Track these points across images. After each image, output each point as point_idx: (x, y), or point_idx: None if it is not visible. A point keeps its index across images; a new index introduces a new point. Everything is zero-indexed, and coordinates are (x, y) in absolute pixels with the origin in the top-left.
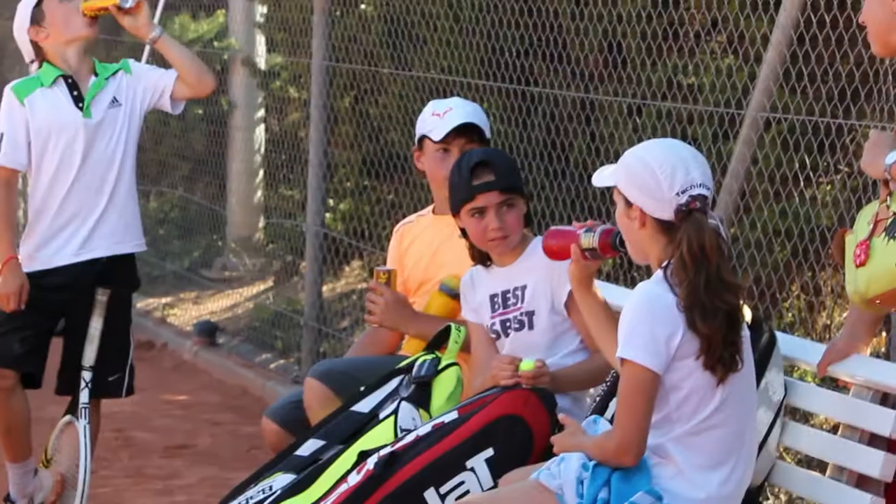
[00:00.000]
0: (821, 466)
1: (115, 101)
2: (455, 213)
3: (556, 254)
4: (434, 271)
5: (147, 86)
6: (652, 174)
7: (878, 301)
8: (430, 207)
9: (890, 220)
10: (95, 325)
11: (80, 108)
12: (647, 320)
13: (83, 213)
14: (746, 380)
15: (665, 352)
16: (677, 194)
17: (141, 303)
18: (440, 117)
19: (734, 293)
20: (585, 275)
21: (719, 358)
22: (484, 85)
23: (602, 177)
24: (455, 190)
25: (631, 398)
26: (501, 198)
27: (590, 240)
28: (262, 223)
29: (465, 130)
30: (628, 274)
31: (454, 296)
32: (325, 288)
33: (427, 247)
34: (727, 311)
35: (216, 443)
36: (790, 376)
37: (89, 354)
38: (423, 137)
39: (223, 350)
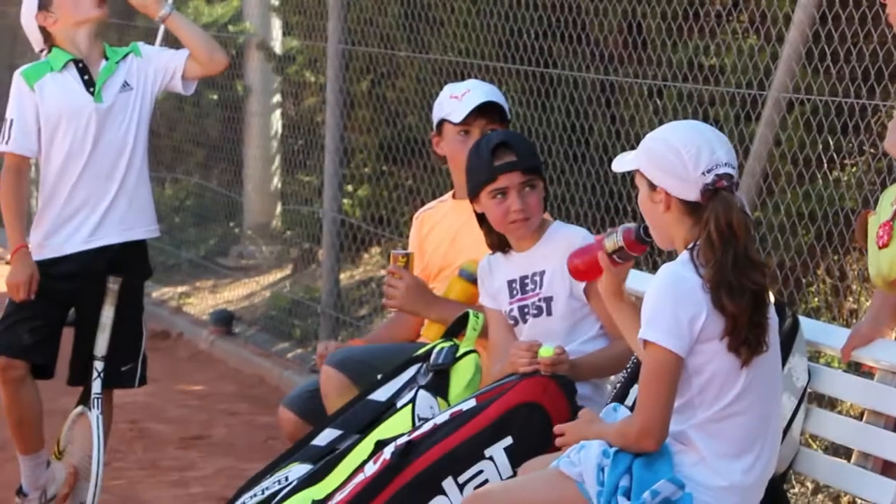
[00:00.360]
0: (846, 453)
1: (126, 84)
2: (473, 196)
3: (585, 273)
4: (454, 256)
5: (158, 67)
6: (677, 154)
7: None
8: (451, 193)
9: None
10: (107, 314)
11: (91, 93)
12: (670, 302)
13: (93, 199)
14: (771, 365)
15: (688, 334)
16: (703, 174)
17: (156, 292)
18: (458, 100)
19: (761, 272)
20: (617, 284)
21: (745, 339)
22: (502, 67)
23: (623, 162)
24: (474, 172)
25: (653, 381)
26: (524, 178)
27: (614, 241)
28: (278, 210)
29: (486, 111)
30: (649, 259)
31: (474, 281)
32: (342, 275)
33: (447, 232)
34: (754, 290)
35: (232, 433)
36: (816, 362)
37: (101, 344)
38: (442, 121)
39: (240, 339)
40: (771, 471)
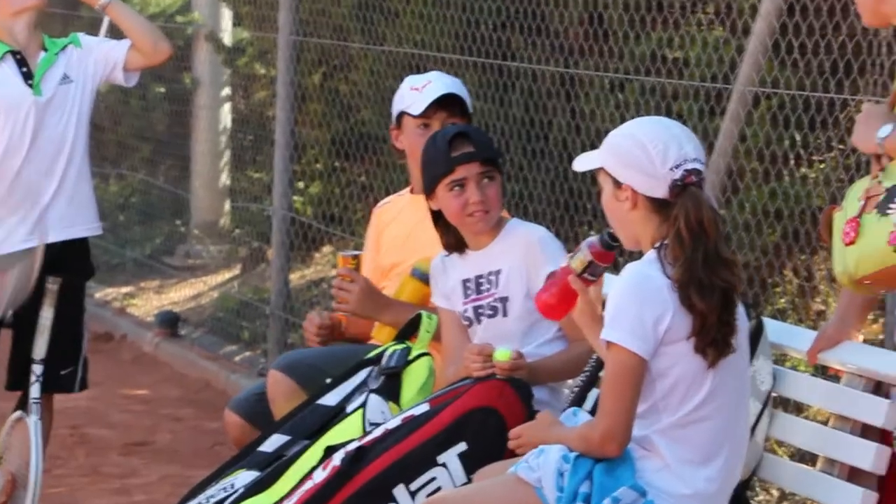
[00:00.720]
0: (812, 459)
1: (65, 77)
2: (429, 191)
3: (557, 307)
4: (407, 254)
5: (98, 58)
6: (643, 150)
7: (868, 282)
8: (409, 188)
9: (882, 197)
10: (46, 316)
11: (30, 86)
12: (634, 302)
13: (32, 196)
14: (739, 368)
15: (653, 336)
16: (671, 169)
17: (99, 292)
18: (419, 91)
19: (731, 270)
20: (593, 307)
21: (713, 340)
22: (459, 60)
23: (586, 160)
24: (431, 164)
25: (616, 384)
26: (482, 169)
27: (581, 258)
28: (227, 208)
29: (447, 103)
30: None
31: (427, 280)
32: (293, 276)
33: (402, 228)
34: (724, 288)
35: (177, 439)
36: (782, 365)
37: (40, 347)
38: (401, 114)
39: (186, 341)
40: (736, 478)
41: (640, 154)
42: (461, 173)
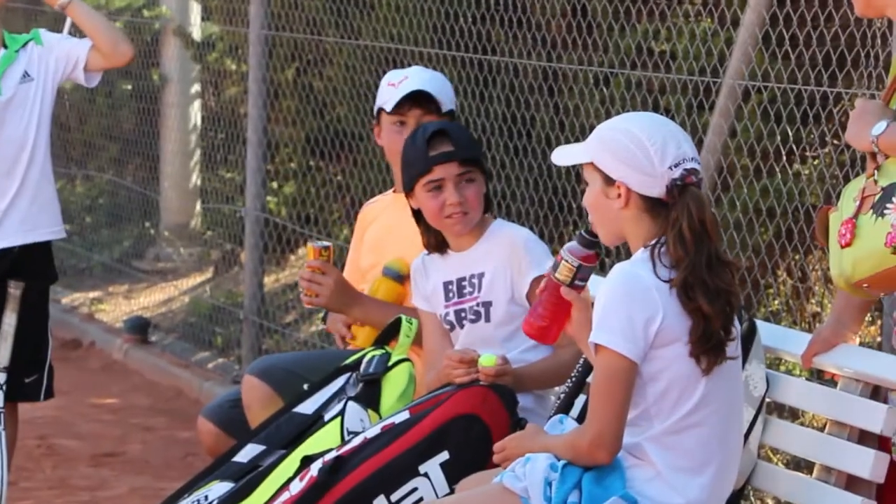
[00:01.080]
0: (808, 467)
1: (26, 75)
2: (409, 190)
3: (550, 328)
4: (385, 255)
5: (59, 56)
6: (641, 147)
7: (865, 285)
8: (394, 187)
9: (878, 196)
10: (8, 322)
11: None
12: (623, 303)
13: None
14: (731, 373)
15: (643, 338)
16: (670, 168)
17: (66, 298)
18: (395, 87)
19: (732, 274)
20: (588, 314)
21: (711, 346)
22: (438, 54)
23: (569, 154)
24: (409, 164)
25: (606, 388)
26: (461, 169)
27: (567, 266)
28: (198, 209)
29: (422, 100)
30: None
31: (399, 279)
32: (267, 279)
33: (382, 228)
34: (727, 293)
35: (148, 450)
36: (777, 369)
37: (2, 354)
38: (380, 110)
39: (156, 348)
40: (730, 487)
41: (637, 151)
42: (439, 173)
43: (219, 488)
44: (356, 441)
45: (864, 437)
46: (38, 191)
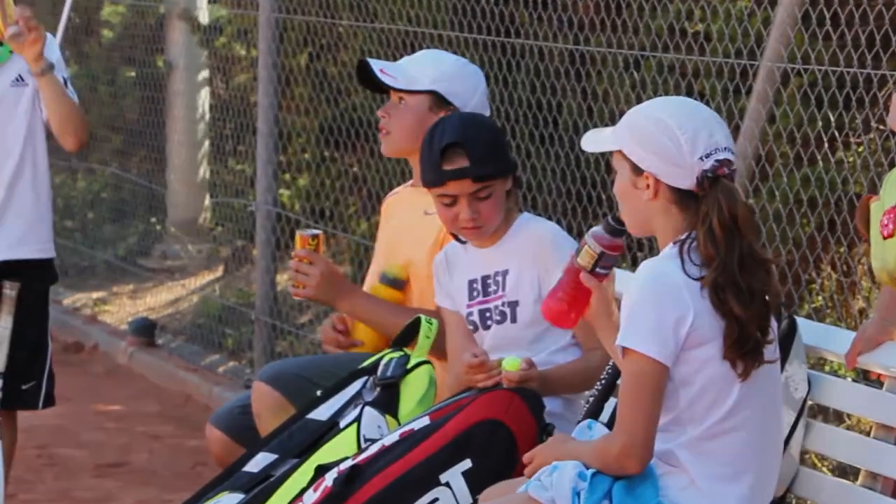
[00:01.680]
0: (854, 473)
1: (19, 78)
2: (427, 187)
3: (568, 312)
4: (394, 259)
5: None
6: (671, 135)
7: None
8: (412, 181)
9: None
10: (4, 325)
11: None
12: (652, 302)
13: None
14: (769, 374)
15: (673, 340)
16: (701, 159)
17: (68, 298)
18: None
19: (769, 272)
20: (608, 303)
21: (748, 350)
22: (458, 37)
23: (598, 140)
24: (424, 168)
25: (635, 394)
26: (475, 187)
27: (590, 252)
28: (206, 203)
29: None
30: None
31: (397, 285)
32: (280, 277)
33: (394, 230)
34: (763, 293)
35: (154, 459)
36: (821, 370)
37: None
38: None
39: (163, 351)
40: (770, 495)
41: (666, 140)
42: (452, 189)
43: (228, 499)
44: (373, 449)
45: None
46: (25, 204)
